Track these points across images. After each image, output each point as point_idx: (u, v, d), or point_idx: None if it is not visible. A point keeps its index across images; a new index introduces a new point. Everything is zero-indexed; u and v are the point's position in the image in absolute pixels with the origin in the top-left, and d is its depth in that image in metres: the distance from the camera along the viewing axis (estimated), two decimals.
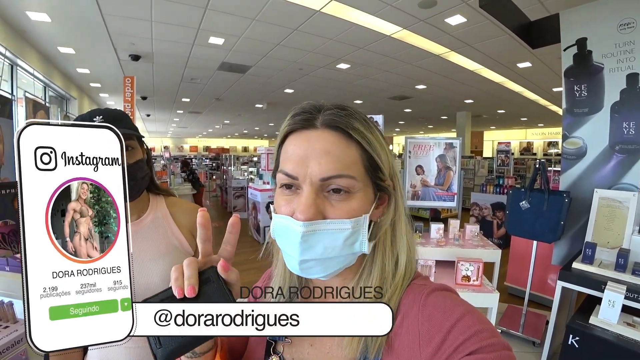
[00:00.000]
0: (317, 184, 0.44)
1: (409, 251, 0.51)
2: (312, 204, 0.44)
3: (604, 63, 2.58)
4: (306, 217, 0.43)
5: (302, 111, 0.49)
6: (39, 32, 4.76)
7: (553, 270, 3.23)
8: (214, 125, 17.32)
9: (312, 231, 0.43)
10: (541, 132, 17.92)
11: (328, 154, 0.45)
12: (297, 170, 0.45)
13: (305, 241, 0.44)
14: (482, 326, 0.40)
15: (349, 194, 0.46)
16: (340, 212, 0.45)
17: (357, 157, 0.47)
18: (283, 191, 0.48)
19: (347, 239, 0.45)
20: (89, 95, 9.46)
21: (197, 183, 7.49)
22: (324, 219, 0.44)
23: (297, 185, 0.46)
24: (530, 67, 6.11)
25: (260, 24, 4.46)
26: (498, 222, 5.36)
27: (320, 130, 0.46)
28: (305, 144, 0.46)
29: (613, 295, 1.88)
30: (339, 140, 0.46)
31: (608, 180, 2.60)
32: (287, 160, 0.47)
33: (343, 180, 0.45)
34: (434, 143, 3.24)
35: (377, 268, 0.49)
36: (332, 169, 0.44)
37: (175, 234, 1.01)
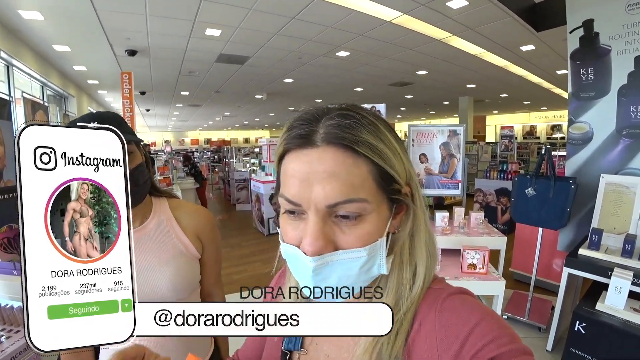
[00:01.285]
0: (323, 210, 0.40)
1: (429, 259, 0.48)
2: (320, 234, 0.40)
3: (612, 45, 2.52)
4: (314, 251, 0.40)
5: (300, 123, 0.43)
6: (33, 31, 4.71)
7: (558, 256, 3.23)
8: (214, 117, 17.25)
9: (324, 264, 0.41)
10: (544, 115, 17.73)
11: (332, 176, 0.40)
12: (300, 197, 0.41)
13: (318, 274, 0.41)
14: (500, 331, 0.39)
15: (361, 216, 0.41)
16: (354, 238, 0.41)
17: (366, 174, 0.41)
18: (288, 216, 0.44)
19: (362, 267, 0.42)
20: (87, 92, 9.42)
21: (199, 177, 7.50)
22: (336, 249, 0.41)
23: (301, 211, 0.42)
24: (533, 50, 5.99)
25: (257, 14, 4.38)
26: (502, 208, 5.35)
27: (321, 149, 0.41)
28: (305, 166, 0.41)
29: (620, 281, 1.87)
30: (345, 158, 0.40)
31: (615, 166, 2.56)
32: (288, 184, 0.42)
33: (352, 206, 0.40)
34: (437, 131, 3.21)
35: (393, 283, 0.46)
36: (339, 194, 0.40)
37: (181, 239, 0.98)
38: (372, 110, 0.48)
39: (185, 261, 0.97)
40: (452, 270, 2.47)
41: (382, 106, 3.48)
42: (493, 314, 0.42)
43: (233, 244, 5.53)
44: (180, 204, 1.05)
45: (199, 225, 1.02)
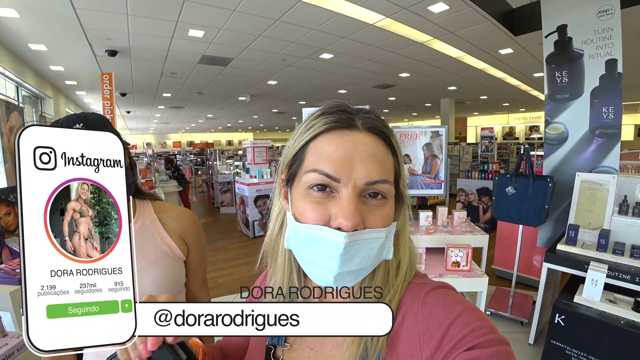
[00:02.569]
0: (360, 187, 0.43)
1: (411, 255, 0.52)
2: (357, 210, 0.42)
3: (584, 49, 2.64)
4: (353, 225, 0.41)
5: (339, 110, 0.47)
6: (8, 29, 4.53)
7: (538, 252, 3.33)
8: (197, 119, 17.01)
9: (354, 241, 0.42)
10: (523, 116, 18.28)
11: (374, 157, 0.44)
12: (340, 172, 0.42)
13: (347, 252, 0.41)
14: (480, 322, 0.41)
15: (385, 199, 0.45)
16: (379, 218, 0.44)
17: (392, 164, 0.47)
18: (311, 192, 0.44)
19: (380, 248, 0.44)
20: (65, 93, 9.13)
21: (182, 180, 7.37)
22: (364, 227, 0.43)
23: (334, 187, 0.43)
24: (511, 53, 6.19)
25: (240, 15, 4.36)
26: (484, 207, 5.48)
27: (363, 133, 0.45)
28: (350, 144, 0.44)
29: (595, 274, 1.96)
30: (382, 146, 0.46)
31: (589, 164, 2.68)
32: (326, 160, 0.43)
33: (385, 186, 0.44)
34: (420, 132, 3.26)
35: (380, 273, 0.49)
36: (378, 173, 0.44)
37: (165, 240, 0.97)
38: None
39: (170, 263, 0.97)
40: (436, 269, 2.52)
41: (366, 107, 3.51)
42: (473, 307, 0.44)
43: (218, 248, 5.46)
44: (164, 206, 1.05)
45: (184, 227, 1.02)
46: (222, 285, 3.97)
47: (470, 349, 0.39)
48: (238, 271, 4.41)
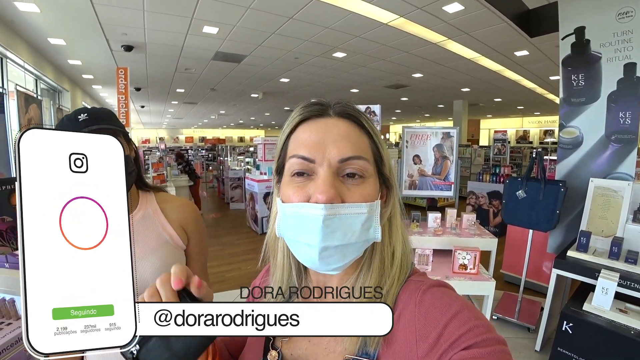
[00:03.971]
0: (335, 165, 0.45)
1: (404, 244, 0.52)
2: (332, 185, 0.44)
3: (602, 52, 2.58)
4: (327, 198, 0.43)
5: (312, 103, 0.50)
6: (29, 23, 4.65)
7: (548, 258, 3.28)
8: (210, 115, 17.17)
9: (333, 215, 0.43)
10: (537, 120, 17.93)
11: (345, 137, 0.47)
12: (314, 153, 0.46)
13: (327, 226, 0.43)
14: (478, 322, 0.41)
15: (363, 178, 0.47)
16: (357, 195, 0.46)
17: (368, 145, 0.49)
18: (294, 179, 0.47)
19: (363, 224, 0.45)
20: (81, 87, 9.32)
21: (193, 175, 7.46)
22: (343, 202, 0.45)
23: (311, 170, 0.46)
24: (527, 55, 6.08)
25: (255, 13, 4.39)
26: (494, 211, 5.41)
27: (334, 119, 0.49)
28: (322, 129, 0.47)
29: (606, 282, 1.92)
30: (353, 128, 0.49)
31: (603, 170, 2.62)
32: (302, 145, 0.47)
33: (360, 162, 0.46)
34: (431, 132, 3.24)
35: (376, 261, 0.50)
36: (350, 150, 0.46)
37: (167, 229, 1.02)
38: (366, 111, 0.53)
39: (170, 250, 1.01)
40: (443, 271, 2.50)
41: (376, 107, 3.51)
42: (470, 306, 0.44)
43: (226, 243, 5.51)
44: (166, 197, 1.09)
45: (184, 217, 1.06)
46: (229, 279, 4.02)
47: (467, 349, 0.39)
48: (245, 266, 4.45)
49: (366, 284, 0.48)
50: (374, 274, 0.49)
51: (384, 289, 0.48)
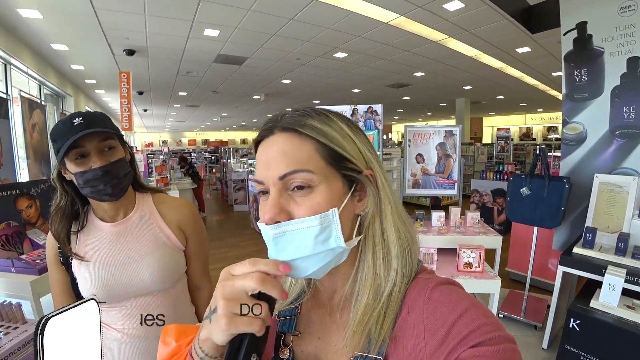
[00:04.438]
0: (278, 183, 0.46)
1: (404, 243, 0.50)
2: (275, 203, 0.45)
3: (604, 47, 2.56)
4: (269, 217, 0.44)
5: (266, 122, 0.51)
6: (32, 30, 4.69)
7: (553, 255, 3.26)
8: (212, 118, 17.22)
9: (281, 233, 0.45)
10: (540, 117, 17.84)
11: (282, 154, 0.46)
12: (262, 175, 0.48)
13: (277, 243, 0.45)
14: (486, 319, 0.41)
15: (311, 188, 0.46)
16: (305, 208, 0.45)
17: (312, 151, 0.47)
18: (262, 197, 0.50)
19: (317, 236, 0.44)
20: (84, 92, 9.39)
21: (196, 177, 7.49)
22: (290, 218, 0.45)
23: (265, 189, 0.48)
24: (529, 52, 6.05)
25: (255, 14, 4.40)
26: (498, 209, 5.38)
27: (276, 135, 0.49)
28: (266, 149, 0.49)
29: (613, 279, 1.90)
30: (292, 139, 0.47)
31: (608, 165, 2.60)
32: (256, 168, 0.50)
33: (299, 175, 0.45)
34: (434, 131, 3.24)
35: (369, 260, 0.49)
36: (286, 167, 0.46)
37: (164, 230, 1.02)
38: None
39: (167, 251, 1.01)
40: (448, 269, 2.49)
41: (378, 106, 3.50)
42: (479, 303, 0.43)
43: (230, 244, 5.52)
44: (163, 198, 1.10)
45: (182, 218, 1.07)
46: None
47: (476, 346, 0.38)
48: None
49: (365, 288, 0.48)
50: (368, 277, 0.48)
51: (385, 292, 0.47)
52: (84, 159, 0.88)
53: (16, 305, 1.43)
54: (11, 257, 1.78)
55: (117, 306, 0.96)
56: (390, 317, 0.46)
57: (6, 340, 1.29)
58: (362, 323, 0.46)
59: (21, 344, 1.30)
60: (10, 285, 1.70)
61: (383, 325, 0.45)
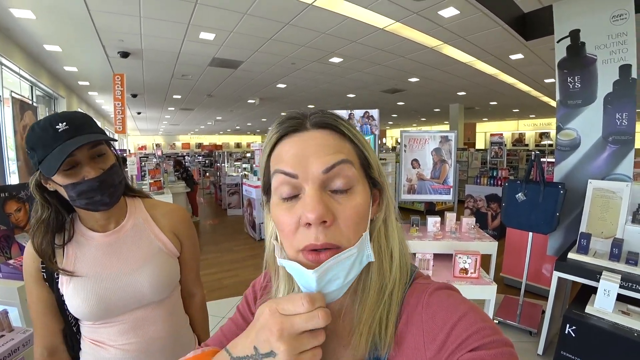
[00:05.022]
0: (320, 178, 0.43)
1: (402, 244, 0.51)
2: (320, 200, 0.42)
3: (597, 54, 2.60)
4: (317, 215, 0.41)
5: (288, 118, 0.48)
6: (24, 30, 4.64)
7: (548, 261, 3.27)
8: (206, 121, 17.17)
9: (325, 272, 0.42)
10: (533, 123, 18.09)
11: (325, 146, 0.45)
12: (296, 168, 0.44)
13: (322, 280, 0.42)
14: (484, 324, 0.41)
15: (352, 189, 0.45)
16: (349, 208, 0.44)
17: (351, 150, 0.47)
18: (283, 203, 0.45)
19: (356, 259, 0.44)
20: (77, 93, 9.29)
21: (190, 181, 7.43)
22: (334, 219, 0.43)
23: (297, 188, 0.44)
24: (522, 58, 6.13)
25: (251, 19, 4.40)
26: (492, 214, 5.41)
27: (312, 131, 0.47)
28: (300, 143, 0.45)
29: (608, 284, 1.91)
30: (332, 136, 0.47)
31: (602, 171, 2.63)
32: (282, 162, 0.45)
33: (345, 167, 0.44)
34: (429, 136, 3.24)
35: (375, 264, 0.49)
36: (332, 157, 0.44)
37: (159, 237, 0.98)
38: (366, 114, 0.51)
39: (165, 259, 0.97)
40: (444, 275, 2.48)
41: (375, 111, 3.51)
42: (477, 308, 0.44)
43: (224, 249, 5.47)
44: (155, 204, 1.05)
45: (176, 224, 1.03)
46: (228, 286, 3.97)
47: (474, 350, 0.39)
48: (243, 273, 4.41)
49: (368, 290, 0.48)
50: (373, 278, 0.48)
51: (387, 292, 0.47)
52: (74, 169, 0.80)
53: (2, 312, 1.38)
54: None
55: (113, 321, 0.90)
56: (392, 319, 0.46)
57: None
58: (367, 324, 0.45)
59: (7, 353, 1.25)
60: None
61: (387, 326, 0.45)
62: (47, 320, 0.89)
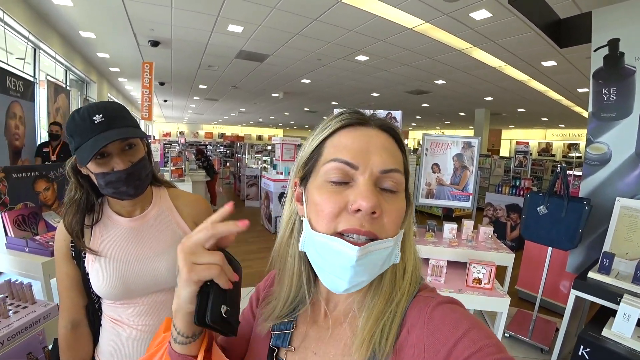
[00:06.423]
0: (376, 174, 0.45)
1: (415, 259, 0.52)
2: (374, 192, 0.44)
3: (637, 66, 2.46)
4: (371, 205, 0.42)
5: (352, 111, 0.51)
6: (62, 16, 4.83)
7: (566, 277, 3.16)
8: (230, 112, 17.41)
9: (365, 254, 0.42)
10: (562, 133, 17.41)
11: (386, 149, 0.47)
12: (358, 159, 0.45)
13: (359, 265, 0.43)
14: (488, 341, 0.39)
15: (397, 192, 0.47)
16: (394, 209, 0.46)
17: (402, 160, 0.50)
18: (328, 185, 0.46)
19: (389, 255, 0.46)
20: (108, 79, 9.61)
21: (211, 170, 7.56)
22: (382, 213, 0.44)
23: (350, 177, 0.45)
24: (555, 66, 5.90)
25: (280, 13, 4.42)
26: (512, 224, 5.27)
27: (375, 129, 0.49)
28: (365, 137, 0.47)
29: (629, 308, 1.82)
30: (391, 141, 0.49)
31: (631, 189, 2.50)
32: (344, 150, 0.46)
33: (397, 175, 0.47)
34: (452, 141, 3.18)
35: (389, 274, 0.49)
36: (392, 162, 0.47)
37: (181, 226, 1.02)
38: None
39: None
40: (456, 284, 2.44)
41: (398, 113, 3.46)
42: (481, 324, 0.42)
43: (239, 240, 5.56)
44: (179, 194, 1.09)
45: (198, 214, 1.06)
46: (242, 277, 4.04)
47: None
48: (257, 264, 4.47)
49: (378, 298, 0.48)
50: (385, 288, 0.49)
51: (394, 301, 0.47)
52: (105, 158, 0.85)
53: (27, 285, 1.45)
54: (26, 237, 1.83)
55: (132, 303, 0.95)
56: (394, 330, 0.45)
57: (15, 319, 1.31)
58: (371, 332, 0.45)
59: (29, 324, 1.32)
60: (23, 264, 1.74)
61: (389, 336, 0.45)
62: (73, 295, 0.95)
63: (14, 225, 1.85)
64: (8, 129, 3.68)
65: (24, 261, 1.73)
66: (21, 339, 1.26)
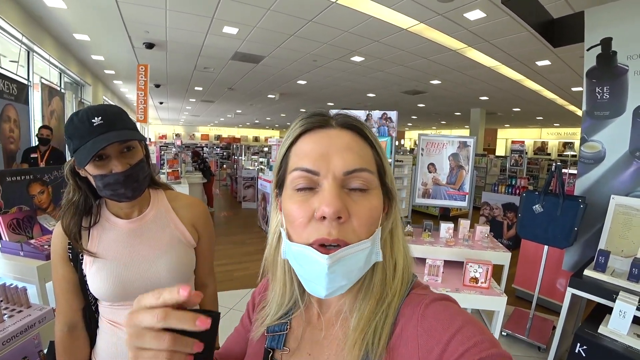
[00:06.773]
0: (339, 178, 0.44)
1: (406, 256, 0.51)
2: (338, 195, 0.42)
3: (629, 65, 2.48)
4: (334, 210, 0.41)
5: (314, 114, 0.49)
6: (55, 19, 4.80)
7: (562, 275, 3.18)
8: (226, 114, 17.38)
9: (337, 260, 0.42)
10: (557, 132, 17.54)
11: (349, 149, 0.45)
12: (318, 165, 0.44)
13: (332, 272, 0.42)
14: (482, 337, 0.39)
15: (368, 190, 0.45)
16: (365, 208, 0.44)
17: (371, 156, 0.48)
18: (296, 194, 0.45)
19: (367, 256, 0.45)
20: (103, 81, 9.56)
21: (208, 172, 7.54)
22: (349, 217, 0.43)
23: (315, 183, 0.44)
24: (549, 65, 5.95)
25: (275, 14, 4.42)
26: (508, 223, 5.29)
27: (337, 129, 0.47)
28: (325, 140, 0.46)
29: (624, 305, 1.84)
30: (357, 138, 0.47)
31: (626, 187, 2.52)
32: (305, 157, 0.45)
33: (364, 174, 0.45)
34: (448, 141, 3.19)
35: (378, 274, 0.49)
36: (355, 162, 0.45)
37: (179, 228, 1.02)
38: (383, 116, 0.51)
39: (183, 249, 1.01)
40: (453, 283, 2.45)
41: (393, 113, 3.47)
42: (474, 320, 0.42)
43: (237, 241, 5.54)
44: (177, 196, 1.10)
45: (195, 216, 1.07)
46: (238, 278, 4.03)
47: None
48: (254, 266, 4.46)
49: (368, 299, 0.48)
50: (375, 289, 0.48)
51: (386, 301, 0.47)
52: (103, 161, 0.85)
53: (22, 289, 1.44)
54: (21, 241, 1.81)
55: (130, 304, 0.93)
56: (387, 329, 0.45)
57: (10, 322, 1.30)
58: (363, 333, 0.45)
59: (24, 328, 1.31)
60: (17, 268, 1.73)
61: (381, 336, 0.44)
62: (69, 297, 0.95)
63: (9, 229, 1.84)
64: (2, 133, 3.65)
65: (19, 265, 1.72)
66: (16, 343, 1.25)
